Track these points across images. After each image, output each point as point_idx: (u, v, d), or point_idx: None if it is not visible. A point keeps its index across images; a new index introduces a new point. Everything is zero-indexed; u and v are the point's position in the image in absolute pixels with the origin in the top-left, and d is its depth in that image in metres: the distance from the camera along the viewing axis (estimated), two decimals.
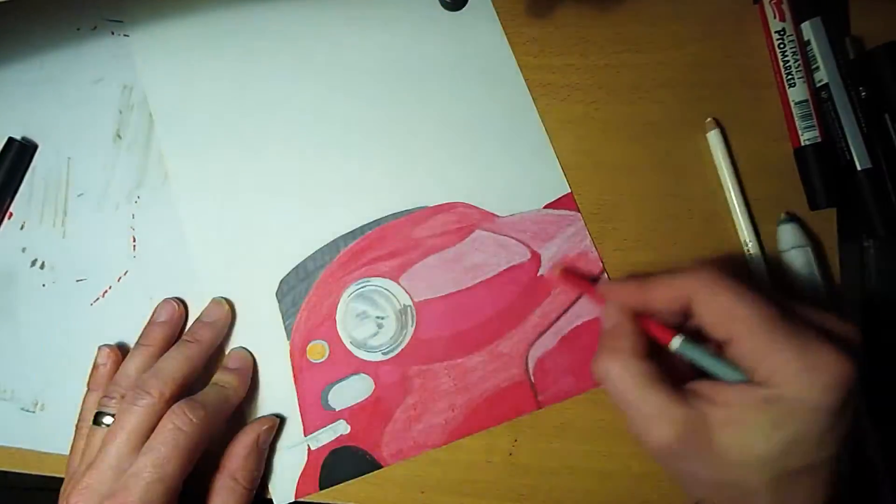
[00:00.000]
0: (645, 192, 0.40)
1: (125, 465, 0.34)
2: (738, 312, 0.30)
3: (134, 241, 0.43)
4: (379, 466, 0.40)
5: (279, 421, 0.40)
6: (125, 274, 0.43)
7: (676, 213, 0.40)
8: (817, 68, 0.39)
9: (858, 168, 0.38)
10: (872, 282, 0.38)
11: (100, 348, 0.40)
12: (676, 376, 0.31)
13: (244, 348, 0.41)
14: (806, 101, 0.38)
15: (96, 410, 0.37)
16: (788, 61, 0.38)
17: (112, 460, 0.34)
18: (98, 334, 0.42)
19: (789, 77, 0.38)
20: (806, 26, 0.39)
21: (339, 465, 0.40)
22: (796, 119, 0.38)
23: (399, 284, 0.40)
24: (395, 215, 0.41)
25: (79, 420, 0.39)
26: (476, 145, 0.41)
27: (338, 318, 0.40)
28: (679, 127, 0.40)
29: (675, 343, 0.31)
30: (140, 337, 0.40)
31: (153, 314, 0.41)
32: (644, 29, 0.41)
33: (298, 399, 0.40)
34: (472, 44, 0.41)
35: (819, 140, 0.38)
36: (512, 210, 0.41)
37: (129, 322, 0.42)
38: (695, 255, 0.36)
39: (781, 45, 0.39)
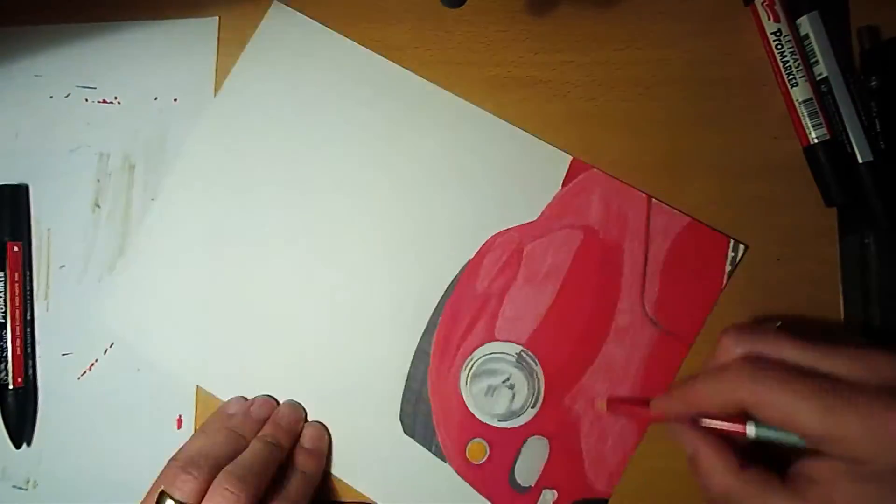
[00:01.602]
0: (644, 191, 0.39)
1: None
2: (788, 395, 0.29)
3: None
4: (607, 500, 0.37)
5: None
6: (111, 346, 0.42)
7: None
8: (816, 62, 0.38)
9: (860, 161, 0.37)
10: (873, 278, 0.37)
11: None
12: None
13: (319, 422, 0.40)
14: (811, 99, 0.37)
15: None
16: (788, 61, 0.38)
17: None
18: (86, 409, 0.41)
19: (790, 77, 0.37)
20: (803, 20, 0.38)
21: None
22: (804, 118, 0.37)
23: (498, 340, 0.39)
24: (451, 285, 0.39)
25: None
26: (467, 181, 0.40)
27: (472, 409, 0.39)
28: (679, 125, 0.40)
29: (751, 431, 0.31)
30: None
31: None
32: (643, 26, 0.40)
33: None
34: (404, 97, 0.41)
35: (828, 137, 0.37)
36: (539, 208, 0.40)
37: (117, 395, 0.41)
38: None
39: (779, 46, 0.38)
